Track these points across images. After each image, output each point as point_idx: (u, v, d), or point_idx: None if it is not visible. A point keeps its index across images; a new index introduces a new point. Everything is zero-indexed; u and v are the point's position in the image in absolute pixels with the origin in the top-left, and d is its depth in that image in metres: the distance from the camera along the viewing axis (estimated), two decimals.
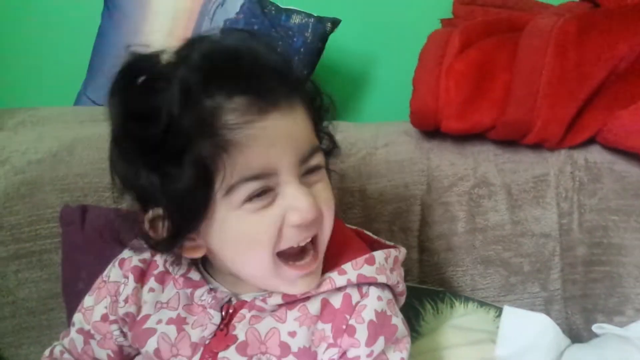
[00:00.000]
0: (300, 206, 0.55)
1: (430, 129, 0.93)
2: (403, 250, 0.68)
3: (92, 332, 0.67)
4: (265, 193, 0.55)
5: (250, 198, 0.55)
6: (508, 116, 0.87)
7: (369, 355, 0.59)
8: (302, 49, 1.12)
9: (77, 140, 0.93)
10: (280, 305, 0.61)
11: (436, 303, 0.81)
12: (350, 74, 1.29)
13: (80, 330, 0.68)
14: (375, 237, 0.70)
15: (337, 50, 1.20)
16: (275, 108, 0.54)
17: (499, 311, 0.78)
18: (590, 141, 0.89)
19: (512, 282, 0.86)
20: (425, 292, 0.82)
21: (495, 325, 0.77)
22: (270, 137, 0.54)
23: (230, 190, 0.54)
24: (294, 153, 0.55)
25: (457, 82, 0.89)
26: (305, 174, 0.57)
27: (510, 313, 0.75)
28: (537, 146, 0.91)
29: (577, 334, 0.84)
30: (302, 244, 0.58)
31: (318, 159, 0.58)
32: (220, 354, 0.60)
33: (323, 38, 1.14)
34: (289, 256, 0.59)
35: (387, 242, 0.69)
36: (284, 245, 0.57)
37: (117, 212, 0.86)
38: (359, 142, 0.94)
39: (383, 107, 1.12)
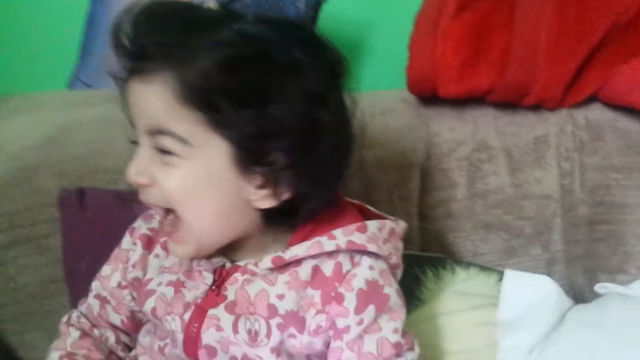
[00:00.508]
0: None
1: (428, 95, 0.91)
2: (402, 224, 0.68)
3: (109, 298, 0.70)
4: None
5: (132, 142, 0.61)
6: (507, 78, 0.86)
7: (359, 323, 0.59)
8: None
9: (71, 123, 0.93)
10: (272, 270, 0.62)
11: (437, 270, 0.81)
12: (346, 43, 1.25)
13: (98, 296, 0.71)
14: (378, 212, 0.70)
15: (331, 18, 1.17)
16: (137, 75, 0.57)
17: (501, 275, 0.78)
18: (592, 99, 0.88)
19: (514, 245, 0.85)
20: (427, 260, 0.82)
21: (497, 289, 0.76)
22: (130, 98, 0.59)
23: None
24: (141, 121, 0.58)
25: (453, 45, 0.87)
26: (161, 152, 0.58)
27: (512, 276, 0.74)
28: (537, 107, 0.89)
29: (580, 295, 0.84)
30: (146, 201, 0.62)
31: (167, 143, 0.57)
32: (210, 312, 0.61)
33: (316, 7, 1.11)
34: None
35: (389, 217, 0.68)
36: None
37: (115, 193, 0.87)
38: (356, 112, 0.93)
39: (381, 75, 1.10)
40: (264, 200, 0.59)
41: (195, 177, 0.57)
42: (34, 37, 1.28)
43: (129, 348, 0.72)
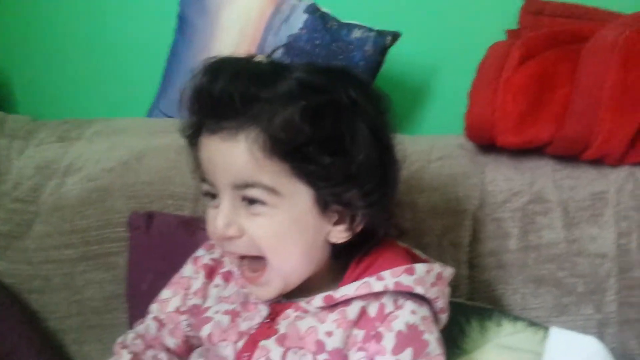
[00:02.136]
0: (212, 222, 0.62)
1: (486, 143, 0.91)
2: (450, 269, 0.69)
3: (165, 321, 0.74)
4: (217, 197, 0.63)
5: (205, 194, 0.64)
6: (567, 130, 0.85)
7: None
8: (361, 63, 1.13)
9: (146, 149, 0.99)
10: (322, 308, 0.64)
11: (483, 320, 0.79)
12: (411, 87, 1.28)
13: (156, 318, 0.75)
14: (424, 256, 0.71)
15: (397, 62, 1.20)
16: (217, 133, 0.59)
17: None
18: None
19: (565, 302, 0.83)
20: (472, 309, 0.81)
21: (543, 346, 0.74)
22: (206, 154, 0.62)
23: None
24: (225, 177, 0.60)
25: (514, 95, 0.87)
26: (248, 202, 0.61)
27: (558, 334, 0.72)
28: (598, 162, 0.87)
29: None
30: (228, 255, 0.67)
31: (256, 194, 0.60)
32: (261, 343, 0.64)
33: (382, 51, 1.14)
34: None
35: (436, 262, 0.69)
36: None
37: (180, 218, 0.91)
38: (413, 155, 0.93)
39: (443, 120, 1.11)
40: (340, 235, 0.64)
41: (284, 224, 0.61)
42: (120, 67, 1.38)
43: None
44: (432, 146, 0.96)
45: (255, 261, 0.64)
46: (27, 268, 0.93)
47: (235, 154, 0.59)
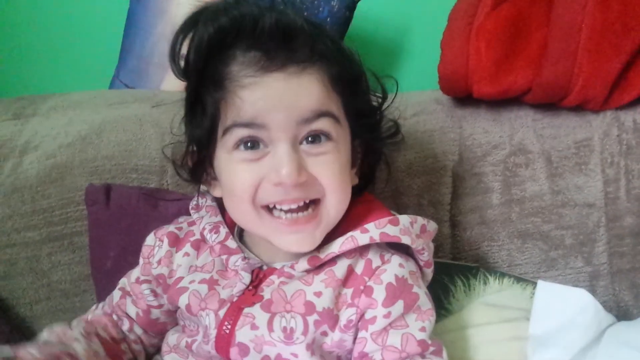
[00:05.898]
0: (280, 167, 0.58)
1: (462, 95, 0.87)
2: (433, 223, 0.67)
3: (128, 290, 0.73)
4: (256, 147, 0.59)
5: (238, 145, 0.59)
6: (544, 76, 0.81)
7: (386, 316, 0.60)
8: (328, 19, 1.07)
9: (105, 123, 0.94)
10: (308, 272, 0.63)
11: (468, 279, 0.77)
12: (380, 43, 1.23)
13: (122, 289, 0.74)
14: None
15: (366, 19, 1.15)
16: (281, 69, 0.57)
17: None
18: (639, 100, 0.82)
19: (553, 256, 0.80)
20: (457, 268, 0.78)
21: (532, 302, 0.72)
22: (264, 93, 0.57)
23: (225, 132, 0.60)
24: (288, 112, 0.57)
25: (488, 42, 0.83)
26: (309, 142, 0.59)
27: (545, 288, 0.70)
28: (580, 109, 0.84)
29: (626, 311, 0.78)
30: (285, 205, 0.60)
31: (325, 125, 0.59)
32: (245, 310, 0.62)
33: (350, 7, 1.09)
34: (283, 210, 0.61)
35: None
36: (264, 200, 0.60)
37: (139, 189, 0.87)
38: (386, 113, 0.89)
39: (416, 77, 1.06)
40: (354, 179, 0.67)
41: (342, 161, 0.62)
42: (76, 40, 1.31)
43: (142, 342, 0.73)
44: (406, 103, 0.92)
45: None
46: None
47: (308, 86, 0.58)
